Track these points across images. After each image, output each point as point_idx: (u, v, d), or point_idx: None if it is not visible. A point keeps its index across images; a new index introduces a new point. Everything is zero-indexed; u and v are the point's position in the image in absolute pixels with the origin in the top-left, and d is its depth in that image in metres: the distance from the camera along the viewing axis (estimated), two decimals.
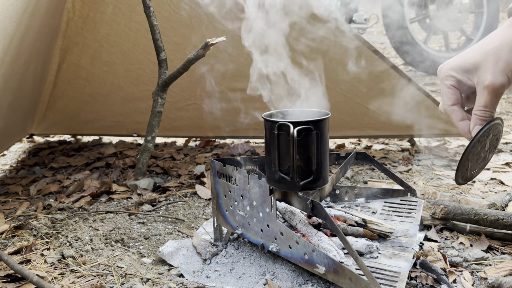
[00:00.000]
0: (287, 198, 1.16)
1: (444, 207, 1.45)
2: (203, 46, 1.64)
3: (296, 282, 1.14)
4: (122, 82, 2.43)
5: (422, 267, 1.20)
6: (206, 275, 1.22)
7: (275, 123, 1.08)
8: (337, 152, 1.48)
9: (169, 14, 2.06)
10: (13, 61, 1.61)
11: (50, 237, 1.50)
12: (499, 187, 1.84)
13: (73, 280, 1.24)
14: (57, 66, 2.36)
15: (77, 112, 2.64)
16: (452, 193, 1.74)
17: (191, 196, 1.89)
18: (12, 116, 2.06)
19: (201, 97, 2.41)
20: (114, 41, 2.24)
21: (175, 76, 1.83)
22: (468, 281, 1.17)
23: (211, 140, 2.67)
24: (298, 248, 1.10)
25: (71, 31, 2.21)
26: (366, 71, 2.10)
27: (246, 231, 1.25)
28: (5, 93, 1.70)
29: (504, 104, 3.34)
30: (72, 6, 2.11)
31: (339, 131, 2.38)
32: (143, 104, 2.39)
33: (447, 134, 2.31)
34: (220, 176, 1.29)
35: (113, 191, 1.94)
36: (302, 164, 1.09)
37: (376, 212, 1.44)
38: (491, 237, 1.40)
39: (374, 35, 8.47)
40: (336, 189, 1.52)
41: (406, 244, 1.24)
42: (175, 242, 1.37)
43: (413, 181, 1.94)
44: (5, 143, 2.29)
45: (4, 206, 1.83)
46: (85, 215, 1.69)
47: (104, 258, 1.36)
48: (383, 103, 2.23)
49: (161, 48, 1.84)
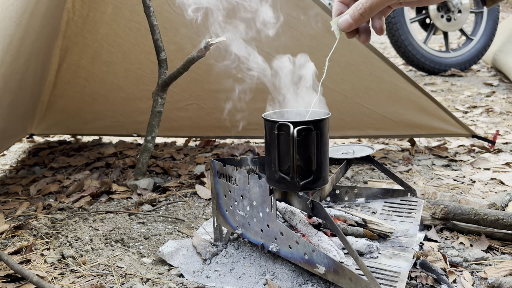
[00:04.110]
0: (287, 198, 1.16)
1: (444, 207, 1.45)
2: (203, 46, 1.63)
3: (296, 282, 1.14)
4: (122, 82, 2.43)
5: (422, 267, 1.20)
6: (206, 275, 1.22)
7: (275, 123, 1.08)
8: None
9: (169, 14, 2.06)
10: (13, 61, 1.61)
11: (50, 237, 1.50)
12: (499, 187, 1.84)
13: (73, 280, 1.24)
14: (57, 66, 2.36)
15: (77, 112, 2.64)
16: (452, 193, 1.74)
17: (191, 196, 1.88)
18: (12, 116, 2.06)
19: (201, 97, 2.41)
20: (114, 41, 2.24)
21: (175, 76, 1.82)
22: (468, 281, 1.17)
23: (211, 140, 2.67)
24: (298, 248, 1.10)
25: (71, 31, 2.21)
26: (366, 71, 2.10)
27: (246, 231, 1.25)
28: (5, 93, 1.70)
29: (504, 104, 3.34)
30: (72, 6, 2.11)
31: (339, 131, 2.38)
32: (143, 104, 2.39)
33: (447, 134, 2.31)
34: (220, 176, 1.29)
35: (113, 191, 1.94)
36: (302, 164, 1.09)
37: (376, 212, 1.44)
38: (491, 237, 1.40)
39: (374, 35, 8.46)
40: (336, 189, 1.52)
41: (406, 244, 1.24)
42: (175, 242, 1.37)
43: (413, 181, 1.94)
44: (5, 143, 2.28)
45: (4, 206, 1.83)
46: (85, 215, 1.69)
47: (104, 258, 1.36)
48: (383, 103, 2.23)
49: (161, 48, 1.84)
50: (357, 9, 0.84)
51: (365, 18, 0.85)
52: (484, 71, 4.76)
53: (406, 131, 2.32)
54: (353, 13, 0.85)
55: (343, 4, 0.89)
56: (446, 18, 4.55)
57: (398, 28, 4.33)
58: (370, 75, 2.10)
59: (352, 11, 0.85)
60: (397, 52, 4.52)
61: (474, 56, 4.63)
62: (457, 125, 2.23)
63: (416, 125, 2.27)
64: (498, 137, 2.42)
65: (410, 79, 2.09)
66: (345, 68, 2.10)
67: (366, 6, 0.83)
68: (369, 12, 0.83)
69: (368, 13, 0.84)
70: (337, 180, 1.38)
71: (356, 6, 0.84)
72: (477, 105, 3.35)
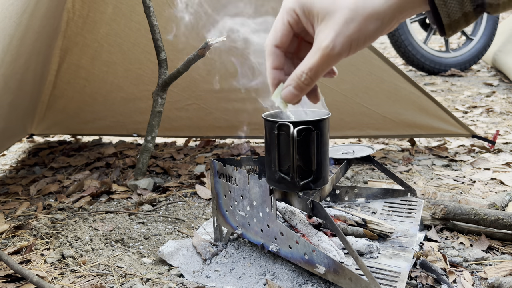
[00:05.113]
0: (287, 198, 1.16)
1: (444, 207, 1.45)
2: (203, 46, 1.64)
3: (296, 282, 1.14)
4: (122, 82, 2.43)
5: (422, 267, 1.20)
6: (206, 275, 1.22)
7: (275, 123, 1.08)
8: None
9: (169, 14, 2.06)
10: (13, 61, 1.61)
11: (50, 237, 1.50)
12: (499, 187, 1.84)
13: (73, 280, 1.24)
14: (57, 66, 2.36)
15: (77, 112, 2.64)
16: (452, 193, 1.74)
17: (191, 196, 1.88)
18: (12, 116, 2.06)
19: (201, 97, 2.41)
20: (114, 41, 2.24)
21: (175, 76, 1.82)
22: (468, 281, 1.17)
23: (211, 140, 2.67)
24: (298, 248, 1.10)
25: (71, 31, 2.21)
26: (366, 71, 2.10)
27: (246, 231, 1.25)
28: (5, 93, 1.70)
29: (504, 104, 3.34)
30: (72, 6, 2.11)
31: (339, 131, 2.38)
32: (143, 104, 2.39)
33: (447, 134, 2.31)
34: (220, 176, 1.29)
35: (113, 191, 1.94)
36: (302, 164, 1.09)
37: (376, 212, 1.44)
38: (491, 237, 1.40)
39: None
40: (336, 189, 1.52)
41: (406, 244, 1.24)
42: (175, 242, 1.37)
43: (413, 181, 1.94)
44: (5, 143, 2.29)
45: (4, 206, 1.83)
46: (85, 215, 1.69)
47: (104, 258, 1.36)
48: (383, 103, 2.23)
49: (161, 48, 1.84)
50: (301, 80, 0.71)
51: (310, 86, 0.73)
52: (484, 71, 4.76)
53: (406, 131, 2.32)
54: (297, 84, 0.72)
55: (278, 71, 0.75)
56: None
57: (398, 28, 4.33)
58: (370, 75, 2.10)
59: (295, 82, 0.72)
60: (397, 52, 4.52)
61: (474, 56, 4.63)
62: (457, 125, 2.23)
63: (416, 125, 2.27)
64: (498, 137, 2.42)
65: (410, 79, 2.08)
66: (345, 68, 2.10)
67: (311, 74, 0.70)
68: (314, 80, 0.72)
69: (314, 81, 0.72)
70: (337, 180, 1.38)
71: (299, 76, 0.71)
72: (477, 105, 3.35)
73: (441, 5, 0.61)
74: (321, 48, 0.67)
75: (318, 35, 0.67)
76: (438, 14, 0.62)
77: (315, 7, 0.66)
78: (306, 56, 0.70)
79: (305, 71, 0.70)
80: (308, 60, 0.69)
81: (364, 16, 0.63)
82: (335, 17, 0.65)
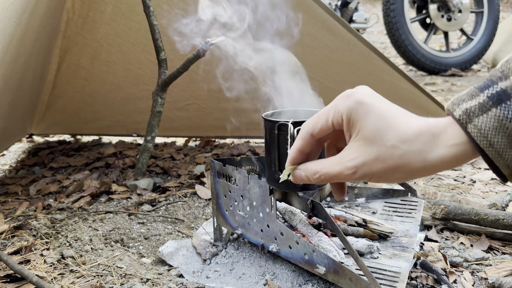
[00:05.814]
0: (287, 198, 1.16)
1: (444, 207, 1.44)
2: (203, 46, 1.63)
3: (296, 282, 1.14)
4: (121, 82, 2.43)
5: (423, 267, 1.20)
6: (206, 275, 1.22)
7: (275, 123, 1.08)
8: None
9: (169, 14, 2.06)
10: (13, 61, 1.61)
11: (49, 237, 1.50)
12: (499, 187, 1.83)
13: (73, 280, 1.24)
14: (57, 66, 2.36)
15: (77, 112, 2.64)
16: (453, 193, 1.74)
17: (191, 196, 1.88)
18: (11, 116, 2.06)
19: (201, 97, 2.41)
20: (114, 41, 2.24)
21: (175, 76, 1.82)
22: (468, 281, 1.17)
23: (211, 140, 2.67)
24: (298, 248, 1.10)
25: (71, 31, 2.21)
26: (366, 71, 2.10)
27: (246, 231, 1.25)
28: (4, 92, 1.70)
29: None
30: (72, 6, 2.11)
31: None
32: (143, 104, 2.39)
33: None
34: (220, 176, 1.29)
35: (113, 191, 1.93)
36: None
37: (377, 212, 1.44)
38: (491, 237, 1.40)
39: (374, 35, 8.47)
40: None
41: (407, 244, 1.23)
42: (175, 242, 1.37)
43: (413, 181, 1.93)
44: (4, 143, 2.28)
45: (4, 206, 1.83)
46: (84, 215, 1.68)
47: (104, 258, 1.36)
48: None
49: (161, 48, 1.84)
50: (313, 176, 0.71)
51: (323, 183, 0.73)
52: (484, 71, 4.76)
53: None
54: (308, 177, 0.72)
55: (302, 154, 0.74)
56: (446, 18, 4.55)
57: (399, 28, 4.33)
58: (370, 75, 2.10)
59: (308, 174, 0.72)
60: (398, 52, 4.52)
61: (475, 56, 4.63)
62: None
63: None
64: None
65: (410, 79, 2.08)
66: (345, 68, 2.10)
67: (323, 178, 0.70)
68: (325, 182, 0.71)
69: (324, 183, 0.73)
70: None
71: (313, 173, 0.71)
72: None
73: (497, 158, 0.58)
74: (343, 165, 0.66)
75: (349, 149, 0.66)
76: (496, 166, 0.59)
77: (360, 124, 0.65)
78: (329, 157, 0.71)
79: (321, 173, 0.70)
80: (327, 164, 0.69)
81: (397, 166, 0.62)
82: (372, 147, 0.63)
